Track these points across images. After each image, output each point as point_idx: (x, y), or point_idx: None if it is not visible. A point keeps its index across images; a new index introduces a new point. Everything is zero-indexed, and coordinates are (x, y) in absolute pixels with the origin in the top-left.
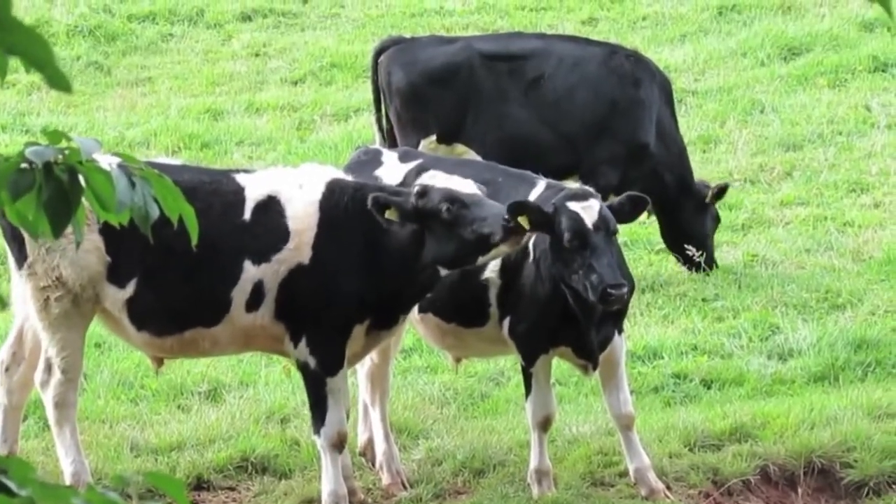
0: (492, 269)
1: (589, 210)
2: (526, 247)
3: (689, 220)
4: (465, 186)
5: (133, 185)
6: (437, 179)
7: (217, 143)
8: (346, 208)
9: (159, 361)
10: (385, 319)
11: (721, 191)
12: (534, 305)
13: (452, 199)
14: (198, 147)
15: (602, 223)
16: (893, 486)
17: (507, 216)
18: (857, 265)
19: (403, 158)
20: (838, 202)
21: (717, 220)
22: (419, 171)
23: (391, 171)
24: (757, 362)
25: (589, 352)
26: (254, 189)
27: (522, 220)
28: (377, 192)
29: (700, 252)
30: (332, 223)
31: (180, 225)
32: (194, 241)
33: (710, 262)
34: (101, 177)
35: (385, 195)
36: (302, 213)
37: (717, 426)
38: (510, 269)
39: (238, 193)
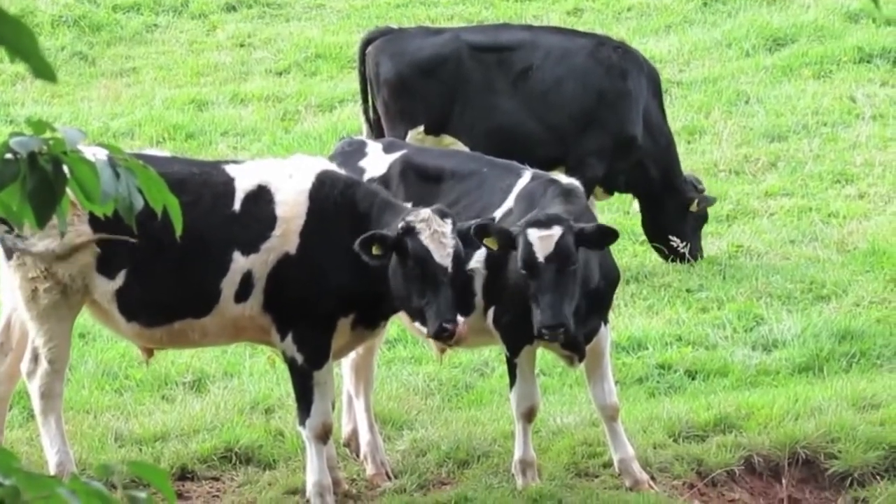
0: (477, 260)
1: (546, 240)
2: (512, 238)
3: (672, 215)
4: (446, 255)
5: (117, 175)
6: (429, 224)
7: (202, 133)
8: (335, 201)
9: (149, 352)
10: (369, 317)
11: (706, 204)
12: (518, 296)
13: (424, 263)
14: (182, 138)
15: (556, 256)
16: (878, 477)
17: (448, 319)
18: (841, 256)
19: (388, 149)
20: (823, 193)
21: (703, 218)
22: (404, 162)
23: (375, 161)
24: (741, 353)
25: (574, 343)
26: (243, 180)
27: (489, 242)
28: (366, 235)
29: (684, 243)
30: (321, 214)
31: (169, 216)
32: (178, 232)
33: (695, 255)
34: (86, 167)
35: (370, 234)
36: (291, 201)
37: (702, 417)
38: (496, 260)
39: (228, 184)
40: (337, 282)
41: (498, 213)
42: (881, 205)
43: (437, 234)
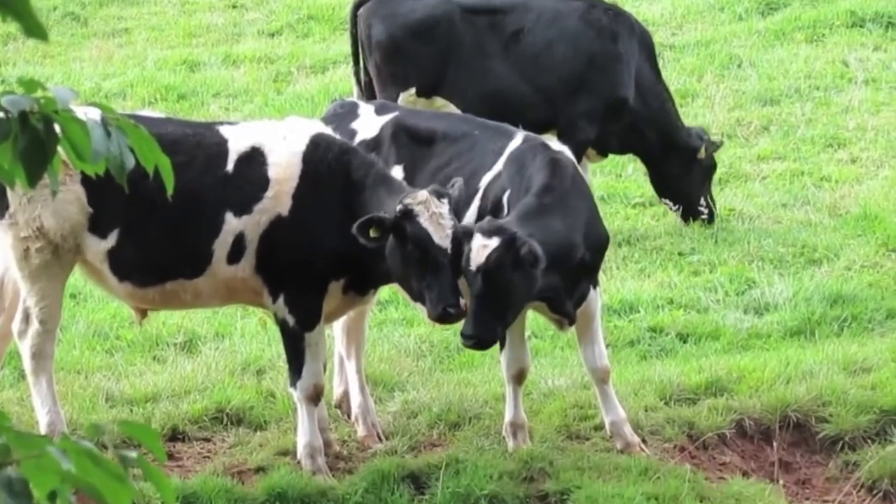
0: (467, 222)
1: (482, 251)
2: (500, 201)
3: (677, 173)
4: (445, 237)
5: (109, 135)
6: (427, 206)
7: (194, 94)
8: (329, 165)
9: (143, 313)
10: (360, 283)
11: (713, 148)
12: None
13: (423, 246)
14: (174, 99)
15: (485, 267)
16: (868, 441)
17: (451, 303)
18: (833, 220)
19: (380, 111)
20: (815, 157)
21: (711, 168)
22: (395, 124)
23: (367, 123)
24: (733, 317)
25: (564, 307)
26: (237, 141)
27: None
28: (364, 218)
29: (703, 204)
30: (314, 177)
31: (161, 176)
32: (170, 191)
33: (710, 215)
34: (77, 126)
35: (368, 217)
36: (284, 163)
37: (693, 380)
38: None
39: (221, 145)
40: (329, 245)
41: (488, 176)
42: (873, 169)
43: (435, 216)
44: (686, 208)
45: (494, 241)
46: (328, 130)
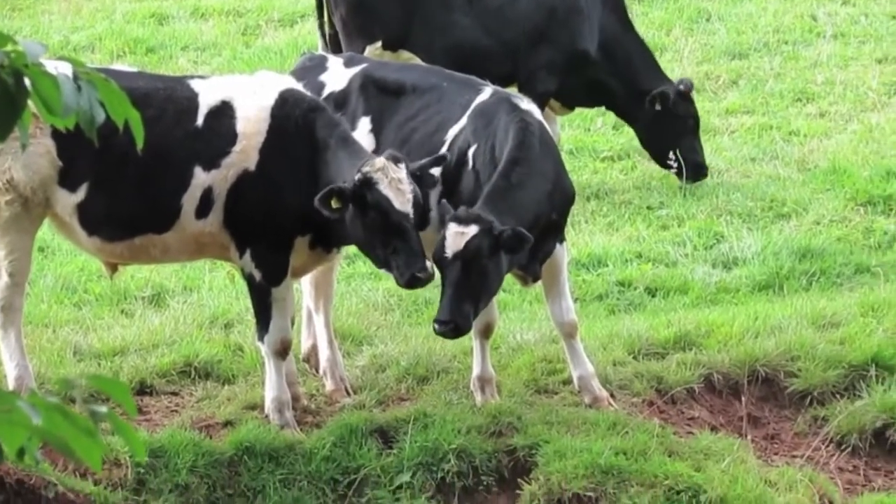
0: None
1: (457, 237)
2: (465, 155)
3: (652, 126)
4: (406, 201)
5: (79, 89)
6: (386, 173)
7: (162, 47)
8: (296, 121)
9: (113, 267)
10: (326, 240)
11: (663, 98)
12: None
13: (385, 213)
14: (143, 52)
15: (463, 255)
16: (837, 396)
17: (420, 268)
18: (802, 174)
19: (348, 64)
20: (784, 111)
21: (689, 120)
22: (364, 76)
23: (336, 76)
24: (701, 271)
25: (529, 265)
26: (207, 95)
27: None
28: (324, 190)
29: (673, 159)
30: (281, 132)
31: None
32: (140, 145)
33: (697, 169)
34: (47, 80)
35: (328, 189)
36: (253, 117)
37: (662, 334)
38: (451, 175)
39: (192, 100)
40: (294, 200)
41: (455, 129)
42: (842, 123)
43: (394, 182)
44: (660, 156)
45: (472, 229)
46: (298, 86)
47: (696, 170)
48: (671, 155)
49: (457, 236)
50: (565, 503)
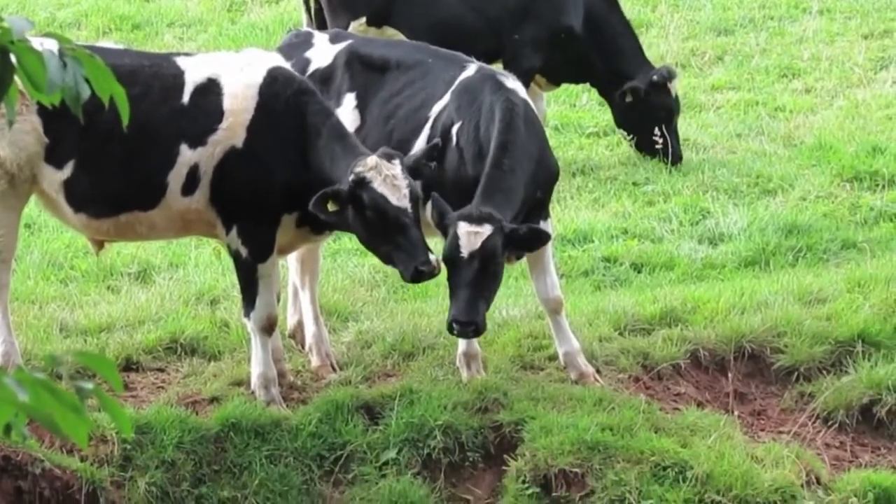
0: (417, 149)
1: (473, 237)
2: (448, 127)
3: (625, 113)
4: (403, 197)
5: (65, 65)
6: (379, 170)
7: (148, 24)
8: (286, 101)
9: (99, 244)
10: (316, 222)
11: (655, 86)
12: (457, 187)
13: (383, 210)
14: (129, 28)
15: (480, 254)
16: (823, 372)
17: (423, 261)
18: (788, 150)
19: (334, 40)
20: (770, 87)
21: (661, 112)
22: (349, 52)
23: (322, 52)
24: (687, 247)
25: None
26: (194, 72)
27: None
28: (319, 194)
29: (631, 136)
30: (270, 109)
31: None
32: (125, 122)
33: (667, 153)
34: (33, 57)
35: (323, 192)
36: (240, 94)
37: (648, 310)
38: (437, 155)
39: (178, 77)
40: (280, 177)
41: (439, 105)
42: (828, 99)
43: (389, 178)
44: (638, 142)
45: (486, 228)
46: (286, 64)
47: (673, 158)
48: (657, 131)
49: (471, 236)
50: (551, 479)
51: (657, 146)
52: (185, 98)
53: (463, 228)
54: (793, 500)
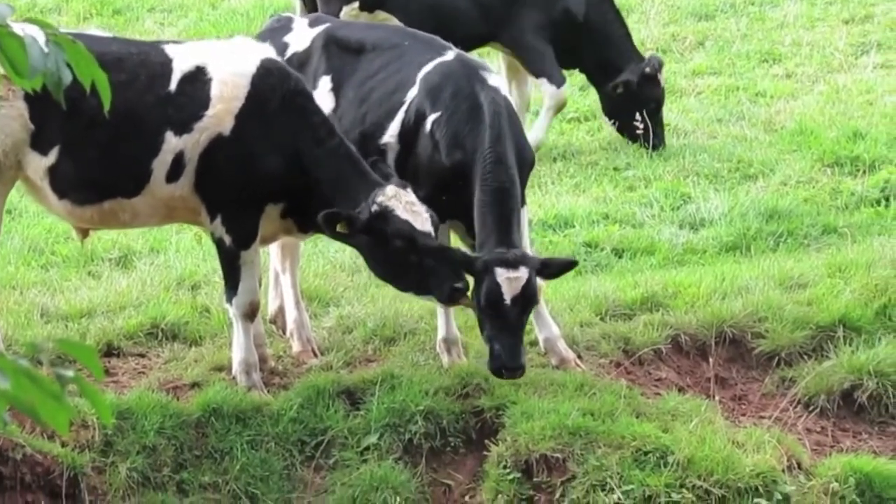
0: (390, 135)
1: (513, 282)
2: (423, 114)
3: (614, 103)
4: (426, 221)
5: (46, 50)
6: (399, 199)
7: (128, 9)
8: (283, 96)
9: (84, 232)
10: (302, 216)
11: (646, 77)
12: (429, 176)
13: (411, 238)
14: (109, 13)
15: (522, 299)
16: (805, 357)
17: (457, 279)
18: (768, 135)
19: (313, 24)
20: (750, 72)
21: (651, 104)
22: (326, 35)
23: (300, 36)
24: (668, 232)
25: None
26: (182, 60)
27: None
28: (329, 210)
29: (613, 122)
30: (262, 100)
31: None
32: (107, 107)
33: (658, 140)
34: (14, 42)
35: (336, 212)
36: (230, 82)
37: (629, 295)
38: (408, 136)
39: (165, 65)
40: (267, 168)
41: (414, 90)
42: (808, 84)
43: (409, 205)
44: (621, 126)
45: (524, 272)
46: (278, 57)
47: (657, 144)
48: (637, 117)
49: (511, 281)
50: (532, 464)
51: (638, 131)
52: (172, 85)
53: (502, 275)
54: (774, 486)
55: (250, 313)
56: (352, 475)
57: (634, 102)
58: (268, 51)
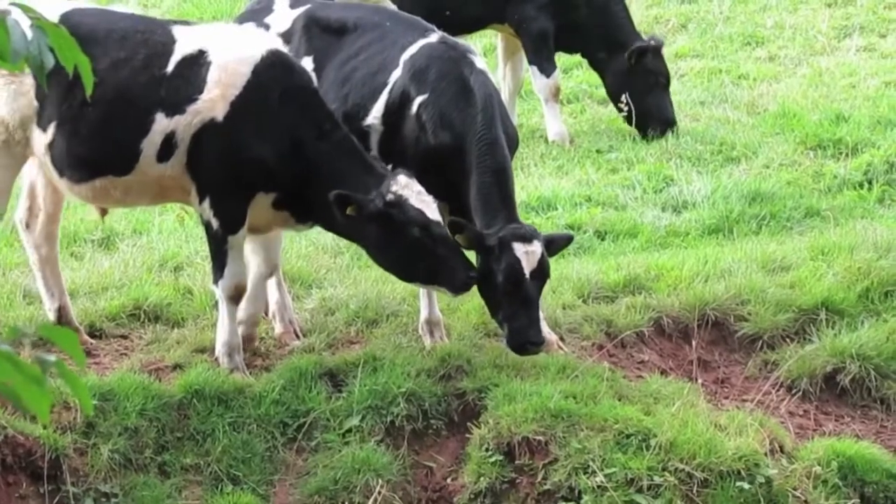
0: (374, 116)
1: (531, 256)
2: (409, 96)
3: (624, 80)
4: (434, 209)
5: (30, 35)
6: (411, 188)
7: None
8: (286, 88)
9: (103, 211)
10: (301, 212)
11: (641, 54)
12: (415, 158)
13: (425, 225)
14: None
15: (539, 272)
16: (787, 340)
17: (472, 274)
18: (751, 118)
19: (294, 5)
20: (733, 55)
21: (661, 77)
22: (307, 16)
23: (281, 17)
24: (651, 214)
25: (465, 209)
26: (185, 43)
27: (460, 239)
28: (341, 191)
29: (626, 105)
30: (262, 91)
31: (94, 74)
32: (89, 90)
33: (665, 124)
34: None
35: (349, 194)
36: (230, 69)
37: (611, 278)
38: (392, 117)
39: (167, 45)
40: (259, 156)
41: (397, 71)
42: (791, 67)
43: (419, 195)
44: (639, 121)
45: (537, 246)
46: (285, 49)
47: (664, 124)
48: (623, 98)
49: (529, 256)
50: (515, 446)
51: (624, 112)
52: (170, 67)
53: (521, 250)
54: (756, 469)
55: (236, 296)
56: (334, 457)
57: (643, 77)
58: (275, 42)
